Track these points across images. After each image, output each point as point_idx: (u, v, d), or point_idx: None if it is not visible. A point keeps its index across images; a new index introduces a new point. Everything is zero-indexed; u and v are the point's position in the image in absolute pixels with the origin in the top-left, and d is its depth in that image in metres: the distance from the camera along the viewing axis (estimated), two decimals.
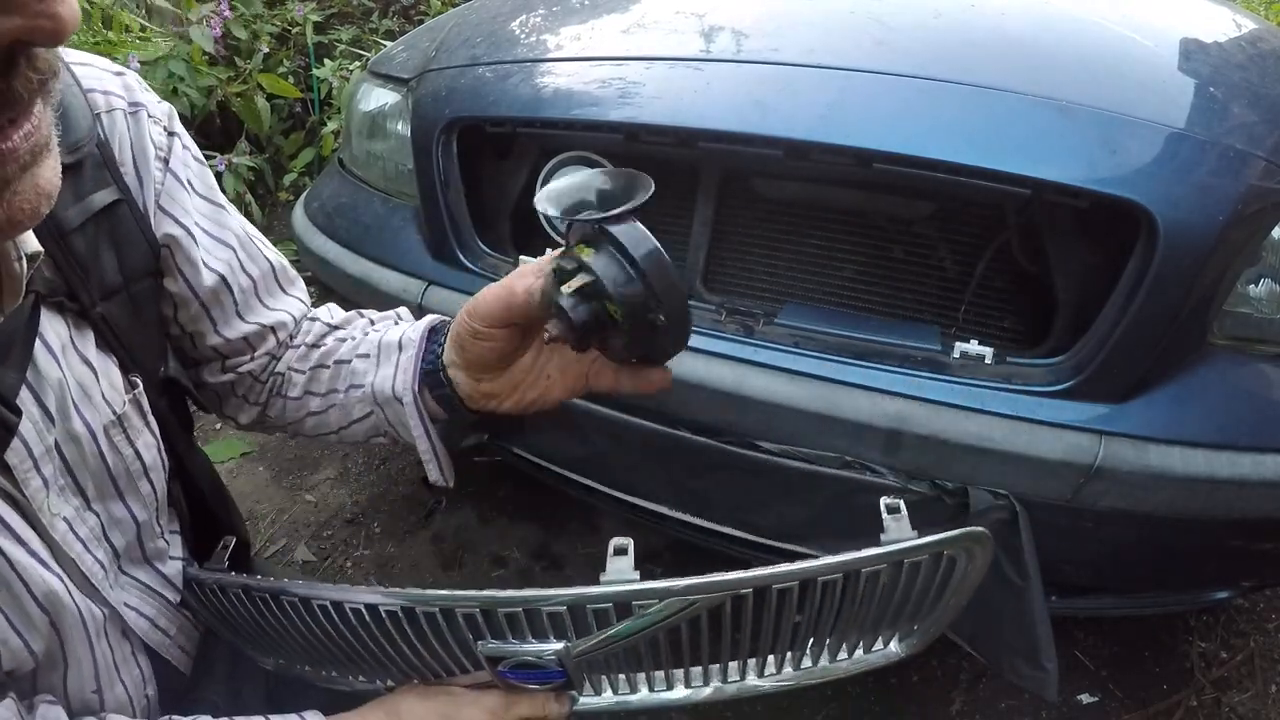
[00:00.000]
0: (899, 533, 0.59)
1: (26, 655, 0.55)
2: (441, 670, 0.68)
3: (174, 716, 0.62)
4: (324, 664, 0.75)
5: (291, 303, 0.78)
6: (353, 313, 0.82)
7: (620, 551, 0.60)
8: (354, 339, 0.77)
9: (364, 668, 0.73)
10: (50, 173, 0.40)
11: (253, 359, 0.76)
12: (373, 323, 0.80)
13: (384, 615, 0.61)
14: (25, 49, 0.34)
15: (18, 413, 0.50)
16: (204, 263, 0.68)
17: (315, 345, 0.78)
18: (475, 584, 1.59)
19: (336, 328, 0.80)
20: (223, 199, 0.71)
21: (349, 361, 0.75)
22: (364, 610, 0.61)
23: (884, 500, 0.61)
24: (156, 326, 0.68)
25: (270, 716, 0.64)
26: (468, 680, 0.68)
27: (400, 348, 0.73)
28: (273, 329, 0.75)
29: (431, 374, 0.72)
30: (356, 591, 0.62)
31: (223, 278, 0.70)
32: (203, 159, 0.70)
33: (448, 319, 0.75)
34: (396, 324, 0.78)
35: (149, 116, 0.64)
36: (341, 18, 3.37)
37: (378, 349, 0.75)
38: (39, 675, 0.58)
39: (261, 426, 0.83)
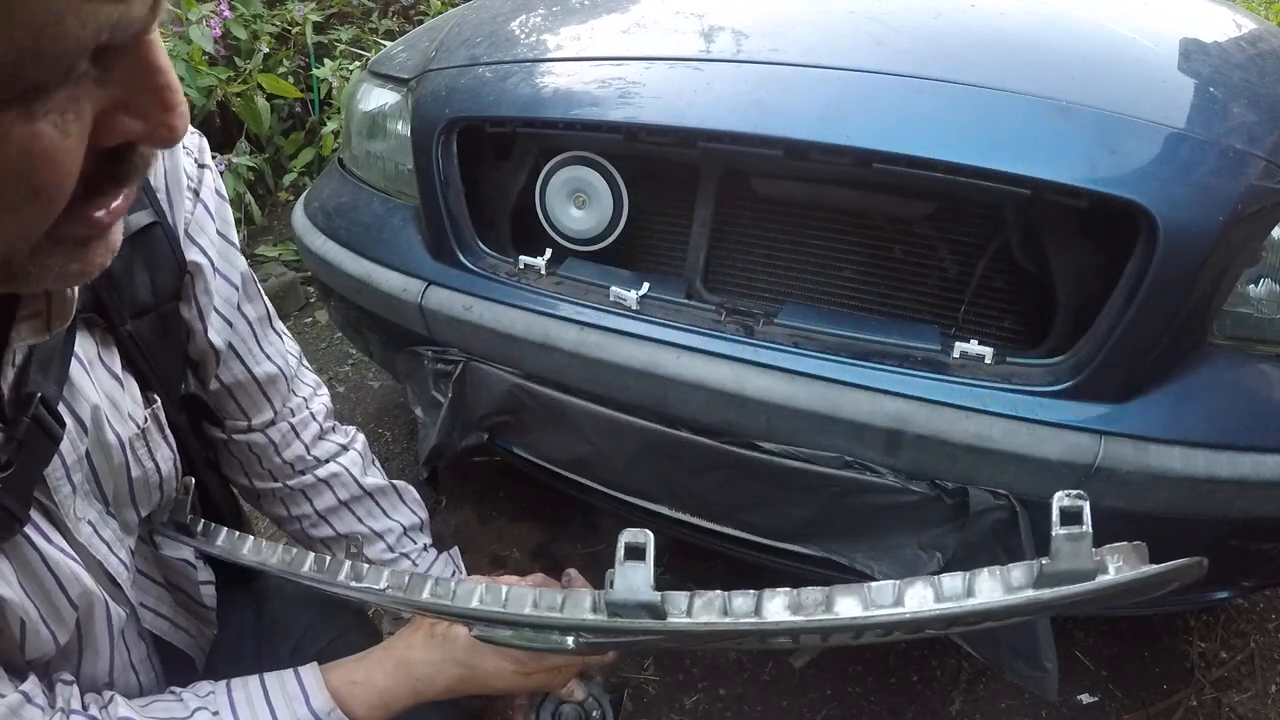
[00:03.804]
0: (1073, 560, 0.40)
1: (52, 646, 0.57)
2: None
3: (173, 689, 0.64)
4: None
5: (292, 373, 0.81)
6: (355, 456, 0.86)
7: (634, 554, 0.45)
8: (390, 550, 0.84)
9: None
10: (120, 229, 0.43)
11: (249, 429, 0.78)
12: (408, 535, 0.86)
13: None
14: (136, 145, 0.38)
15: (62, 423, 0.52)
16: (216, 291, 0.70)
17: (329, 499, 0.83)
18: None
19: (354, 500, 0.85)
20: (234, 235, 0.73)
21: (370, 555, 0.85)
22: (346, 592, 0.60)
23: (1059, 502, 0.41)
24: (180, 346, 0.70)
25: (264, 675, 0.64)
26: None
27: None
28: (266, 395, 0.77)
29: None
30: (333, 578, 0.60)
31: (227, 320, 0.72)
32: (224, 193, 0.71)
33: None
34: (425, 550, 0.87)
35: (183, 147, 0.66)
36: (341, 18, 3.36)
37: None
38: (52, 663, 0.60)
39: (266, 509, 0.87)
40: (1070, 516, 0.40)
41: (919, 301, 1.19)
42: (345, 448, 0.84)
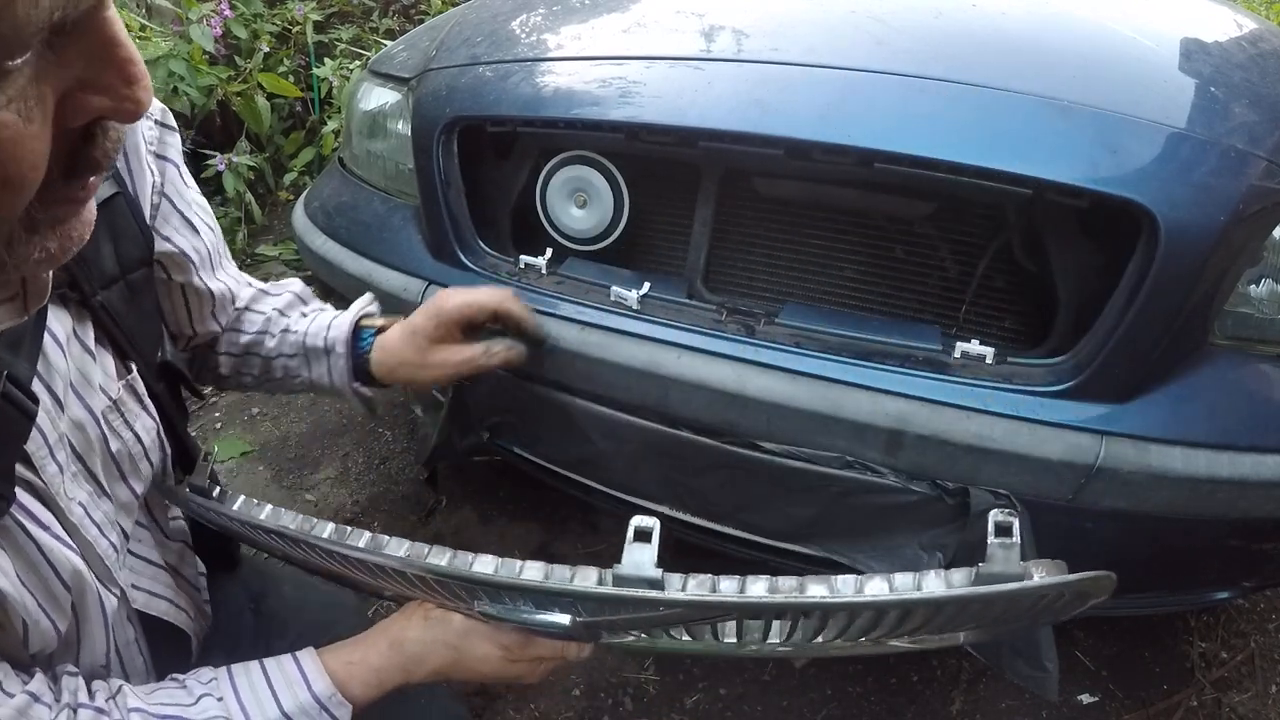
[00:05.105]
0: (1004, 565, 0.48)
1: (53, 635, 0.57)
2: (448, 602, 0.67)
3: (175, 675, 0.64)
4: (328, 574, 0.76)
5: (230, 271, 0.87)
6: (249, 289, 0.92)
7: (641, 537, 0.52)
8: (272, 335, 0.90)
9: (369, 588, 0.72)
10: (94, 203, 0.43)
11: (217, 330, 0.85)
12: (282, 313, 0.92)
13: (374, 566, 0.60)
14: (104, 123, 0.38)
15: (36, 401, 0.52)
16: (209, 247, 0.76)
17: (233, 328, 0.89)
18: None
19: (244, 309, 0.90)
20: (194, 183, 0.77)
21: (276, 359, 0.90)
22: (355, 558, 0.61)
23: (994, 517, 0.49)
24: (154, 313, 0.71)
25: (264, 661, 0.65)
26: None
27: (327, 352, 0.90)
28: (224, 294, 0.84)
29: (358, 365, 0.92)
30: (350, 539, 0.61)
31: (213, 250, 0.78)
32: (179, 146, 0.74)
33: (363, 315, 0.95)
34: (304, 313, 0.93)
35: None
36: (342, 17, 3.36)
37: (303, 350, 0.90)
38: (55, 654, 0.60)
39: None
40: (1003, 529, 0.49)
41: (920, 301, 1.19)
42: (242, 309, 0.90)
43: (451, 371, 0.93)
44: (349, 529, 0.63)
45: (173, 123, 0.70)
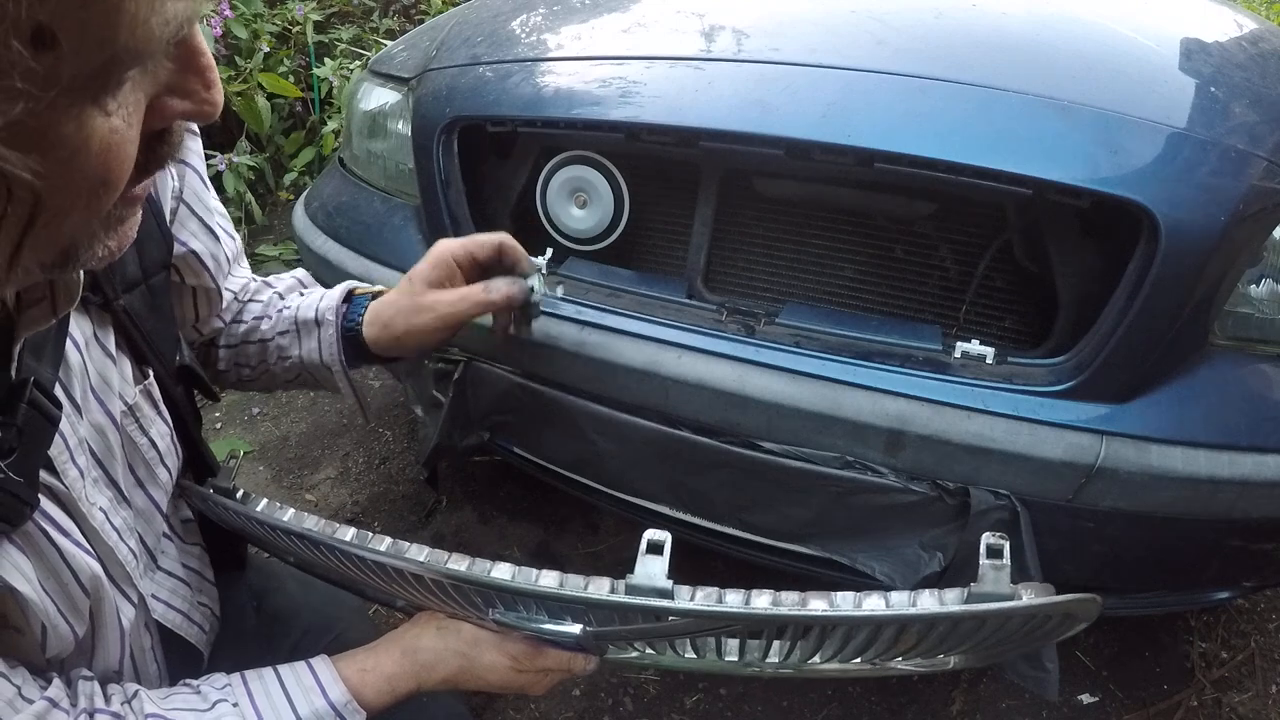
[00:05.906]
0: (995, 585, 0.51)
1: (71, 640, 0.57)
2: (460, 611, 0.67)
3: (188, 680, 0.64)
4: (339, 579, 0.77)
5: (243, 273, 0.87)
6: (255, 283, 0.90)
7: (654, 549, 0.55)
8: (270, 318, 0.87)
9: (379, 595, 0.73)
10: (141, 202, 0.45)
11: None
12: (281, 296, 0.90)
13: (392, 571, 0.61)
14: (175, 123, 0.41)
15: (59, 405, 0.52)
16: (227, 255, 0.76)
17: (234, 320, 0.87)
18: None
19: (246, 302, 0.89)
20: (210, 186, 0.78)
21: (271, 339, 0.87)
22: (376, 562, 0.61)
23: (986, 540, 0.52)
24: (172, 316, 0.71)
25: (278, 667, 0.65)
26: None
27: (318, 324, 0.86)
28: (235, 295, 0.84)
29: (350, 338, 0.87)
30: (370, 542, 0.62)
31: (230, 259, 0.79)
32: (200, 152, 0.73)
33: (358, 286, 0.90)
34: (302, 294, 0.90)
35: None
36: (342, 17, 3.36)
37: (295, 325, 0.86)
38: (69, 660, 0.60)
39: None
40: (994, 552, 0.52)
41: (920, 301, 1.19)
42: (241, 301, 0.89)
43: (447, 311, 0.85)
44: (370, 534, 0.63)
45: (195, 126, 0.70)
